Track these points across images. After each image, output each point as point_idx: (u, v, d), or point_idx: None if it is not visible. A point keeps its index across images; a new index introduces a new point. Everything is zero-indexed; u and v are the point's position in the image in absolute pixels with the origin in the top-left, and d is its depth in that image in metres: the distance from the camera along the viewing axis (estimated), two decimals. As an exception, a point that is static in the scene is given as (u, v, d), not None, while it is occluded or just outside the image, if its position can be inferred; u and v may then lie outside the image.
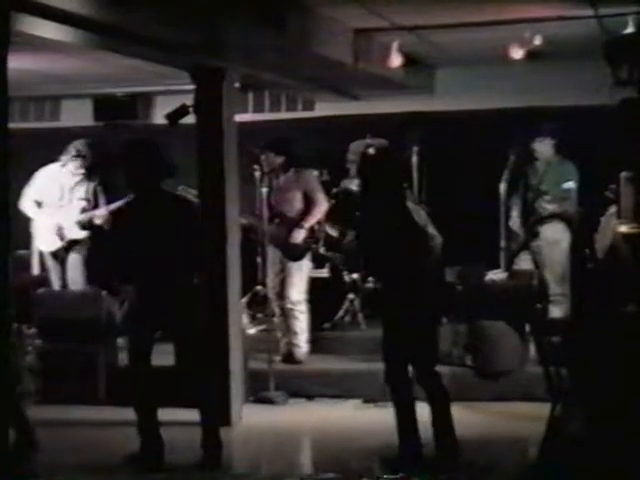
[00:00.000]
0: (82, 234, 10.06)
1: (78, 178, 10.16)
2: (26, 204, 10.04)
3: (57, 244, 10.12)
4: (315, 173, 10.04)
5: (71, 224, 10.06)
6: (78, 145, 10.26)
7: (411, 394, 6.92)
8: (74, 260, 10.15)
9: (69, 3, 6.13)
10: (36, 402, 8.88)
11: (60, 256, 10.17)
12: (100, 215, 9.99)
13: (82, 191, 10.16)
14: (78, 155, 10.17)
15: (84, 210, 10.13)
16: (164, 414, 7.21)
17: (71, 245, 10.14)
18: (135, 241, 7.03)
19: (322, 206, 9.57)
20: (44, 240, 10.17)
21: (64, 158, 10.09)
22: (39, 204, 10.09)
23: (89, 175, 10.18)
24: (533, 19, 8.54)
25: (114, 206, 9.24)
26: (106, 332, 9.24)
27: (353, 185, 10.65)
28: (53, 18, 6.36)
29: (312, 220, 9.47)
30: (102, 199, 10.11)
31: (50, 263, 10.24)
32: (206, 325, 8.27)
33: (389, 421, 7.09)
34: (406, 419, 6.86)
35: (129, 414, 7.23)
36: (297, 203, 9.46)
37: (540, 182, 9.72)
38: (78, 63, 9.28)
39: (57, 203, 10.11)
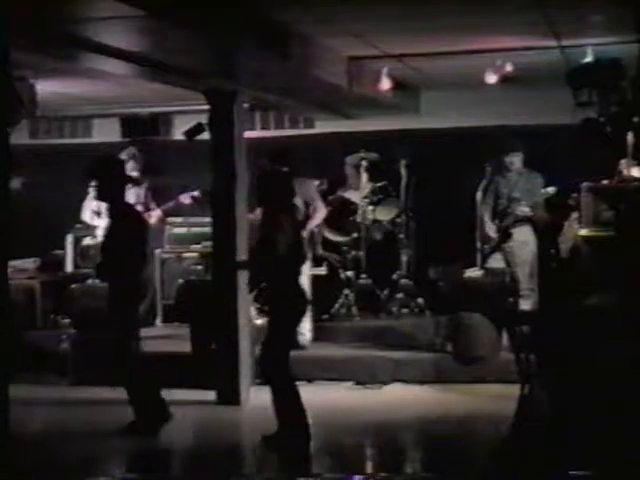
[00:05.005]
0: None
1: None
2: (86, 215, 10.01)
3: None
4: (316, 183, 10.06)
5: None
6: (132, 150, 10.18)
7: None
8: None
9: (126, 42, 6.44)
10: (70, 384, 8.94)
11: None
12: (155, 215, 9.93)
13: (133, 194, 9.90)
14: (132, 158, 10.07)
15: None
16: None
17: None
18: None
19: (321, 212, 9.60)
20: None
21: None
22: (98, 214, 9.93)
23: (139, 179, 10.00)
24: (505, 49, 8.57)
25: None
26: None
27: (347, 194, 10.70)
28: (113, 55, 6.67)
29: (312, 224, 9.50)
30: (152, 201, 10.05)
31: None
32: (219, 317, 8.34)
33: (376, 401, 7.06)
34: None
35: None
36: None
37: (512, 191, 9.73)
38: (108, 87, 9.29)
39: None
